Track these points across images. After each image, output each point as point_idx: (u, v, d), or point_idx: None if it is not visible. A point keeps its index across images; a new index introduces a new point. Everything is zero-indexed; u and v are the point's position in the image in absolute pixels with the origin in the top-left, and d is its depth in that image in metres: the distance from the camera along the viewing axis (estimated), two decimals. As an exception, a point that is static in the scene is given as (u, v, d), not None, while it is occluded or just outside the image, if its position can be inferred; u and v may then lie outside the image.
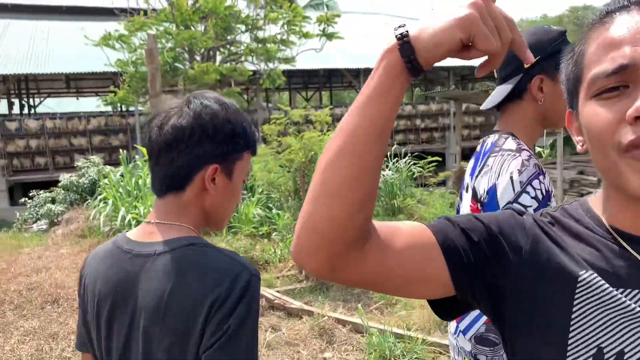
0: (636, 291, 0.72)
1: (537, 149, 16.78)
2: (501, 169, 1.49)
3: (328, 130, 6.02)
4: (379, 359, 4.01)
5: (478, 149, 1.68)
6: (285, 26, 11.20)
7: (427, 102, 21.35)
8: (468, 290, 0.78)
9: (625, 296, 0.71)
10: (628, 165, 0.68)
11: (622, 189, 0.71)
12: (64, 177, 11.08)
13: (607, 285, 0.72)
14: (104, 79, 17.38)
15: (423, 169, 10.02)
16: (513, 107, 1.62)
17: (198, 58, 11.33)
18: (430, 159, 9.87)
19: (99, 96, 19.87)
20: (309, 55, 12.19)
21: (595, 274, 0.73)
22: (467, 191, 1.66)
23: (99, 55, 12.74)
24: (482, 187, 1.54)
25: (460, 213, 1.70)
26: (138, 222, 8.32)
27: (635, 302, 0.71)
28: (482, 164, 1.58)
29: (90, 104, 24.82)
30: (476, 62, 0.80)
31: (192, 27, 11.38)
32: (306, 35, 11.20)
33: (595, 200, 0.82)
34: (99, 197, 9.50)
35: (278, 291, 5.64)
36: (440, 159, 10.50)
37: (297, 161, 5.67)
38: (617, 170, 0.70)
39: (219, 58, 12.04)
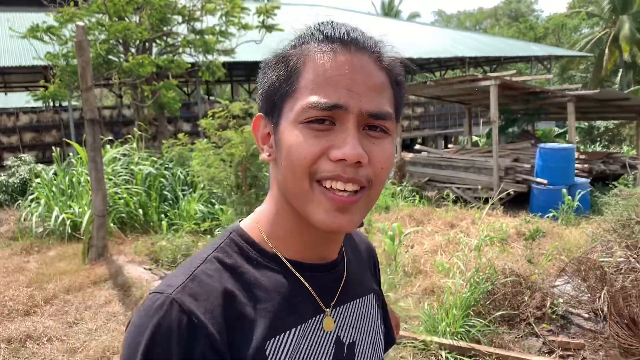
0: (310, 320, 0.80)
1: (475, 138, 17.30)
2: None
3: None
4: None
5: None
6: (224, 17, 10.98)
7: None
8: None
9: (304, 331, 0.79)
10: (318, 200, 0.73)
11: (307, 216, 0.75)
12: (-8, 177, 10.50)
13: (289, 343, 0.77)
14: (33, 72, 16.54)
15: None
16: None
17: (133, 50, 10.95)
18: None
19: (29, 91, 18.91)
20: (250, 47, 12.04)
21: (276, 338, 0.76)
22: None
23: (28, 48, 12.11)
24: None
25: None
26: (73, 223, 7.99)
27: (311, 333, 0.80)
28: None
29: (19, 99, 23.60)
30: (418, 53, 0.77)
31: (126, 19, 10.98)
32: (245, 27, 11.03)
33: (254, 228, 0.83)
34: (31, 197, 9.07)
35: (221, 288, 5.56)
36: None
37: (238, 155, 5.56)
38: (307, 198, 0.74)
39: (155, 50, 11.69)
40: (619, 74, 27.71)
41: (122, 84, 11.17)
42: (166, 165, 9.37)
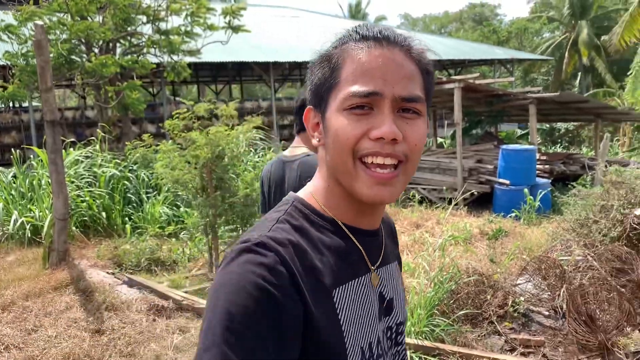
0: (364, 276, 0.95)
1: (439, 140, 17.53)
2: None
3: (234, 125, 5.89)
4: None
5: None
6: (189, 18, 10.85)
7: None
8: None
9: (359, 284, 0.93)
10: (362, 175, 0.86)
11: (353, 191, 0.88)
12: (-53, 180, 10.11)
13: (349, 294, 0.90)
14: (-9, 72, 16.05)
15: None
16: None
17: (96, 50, 10.71)
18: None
19: (-13, 91, 18.30)
20: (217, 48, 11.93)
21: (339, 289, 0.89)
22: None
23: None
24: None
25: None
26: (33, 226, 7.78)
27: (364, 287, 0.94)
28: None
29: (-23, 99, 22.82)
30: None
31: (88, 18, 10.73)
32: (211, 28, 10.91)
33: (312, 198, 0.96)
34: (-12, 201, 8.79)
35: (187, 291, 5.49)
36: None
37: (203, 157, 5.50)
38: (352, 175, 0.87)
39: (119, 50, 11.46)
40: (579, 77, 28.49)
41: (85, 84, 10.92)
42: (130, 168, 9.21)
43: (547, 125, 19.20)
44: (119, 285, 5.79)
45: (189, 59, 11.65)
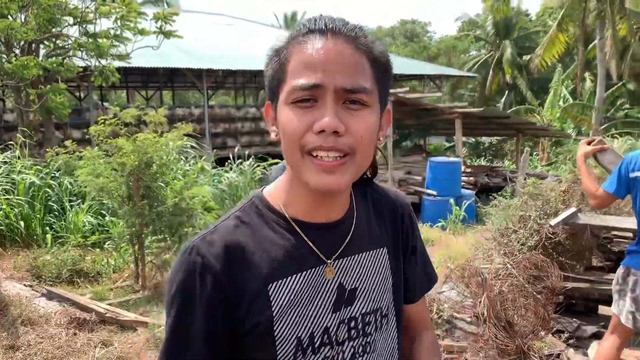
0: (312, 269, 0.97)
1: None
2: None
3: (163, 132, 5.76)
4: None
5: None
6: (119, 21, 10.52)
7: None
8: None
9: (304, 278, 0.96)
10: (309, 165, 0.88)
11: (303, 182, 0.91)
12: None
13: (291, 285, 0.95)
14: None
15: (266, 170, 10.10)
16: None
17: (17, 51, 10.17)
18: (271, 161, 9.98)
19: None
20: (147, 53, 11.63)
21: (279, 281, 0.94)
22: None
23: None
24: None
25: None
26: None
27: (312, 280, 0.97)
28: None
29: None
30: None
31: (9, 17, 10.20)
32: (142, 32, 10.62)
33: (272, 194, 1.02)
34: None
35: (110, 304, 5.29)
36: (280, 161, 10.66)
37: (130, 165, 5.34)
38: (301, 167, 0.89)
39: (42, 52, 10.94)
40: (504, 95, 29.94)
41: (4, 86, 10.34)
42: (53, 175, 8.79)
43: (473, 139, 20.00)
44: (37, 298, 5.50)
45: (118, 64, 11.29)
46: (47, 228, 7.86)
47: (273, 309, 0.93)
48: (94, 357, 4.14)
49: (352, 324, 1.01)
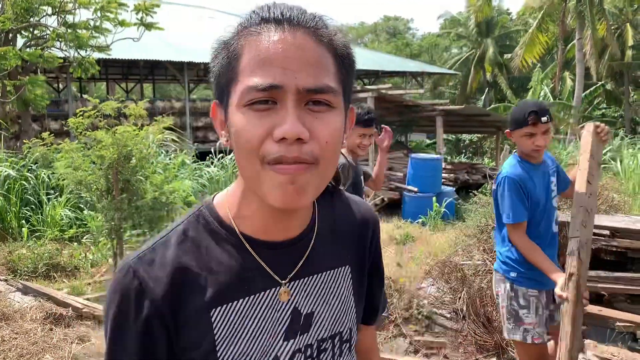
0: (263, 292, 0.86)
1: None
2: None
3: (143, 125, 5.69)
4: None
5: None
6: (99, 12, 10.36)
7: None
8: None
9: (254, 302, 0.86)
10: (269, 178, 0.75)
11: (261, 196, 0.78)
12: None
13: (238, 311, 0.85)
14: None
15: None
16: None
17: (-7, 40, 9.97)
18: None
19: None
20: (128, 45, 11.48)
21: (223, 307, 0.84)
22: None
23: None
24: None
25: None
26: None
27: (262, 304, 0.86)
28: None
29: None
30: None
31: (-15, 5, 9.98)
32: (122, 24, 10.46)
33: (222, 204, 0.90)
34: None
35: (88, 298, 5.21)
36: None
37: (109, 158, 5.27)
38: (260, 179, 0.77)
39: (20, 42, 10.73)
40: (484, 92, 30.22)
41: (-20, 76, 10.11)
42: (29, 167, 8.64)
43: (453, 136, 20.14)
44: (12, 293, 5.40)
45: (97, 55, 11.12)
46: (23, 221, 7.73)
47: (216, 338, 0.83)
48: (70, 352, 4.08)
49: (308, 352, 0.91)
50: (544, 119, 2.64)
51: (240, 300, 0.85)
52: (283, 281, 0.88)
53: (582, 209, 2.49)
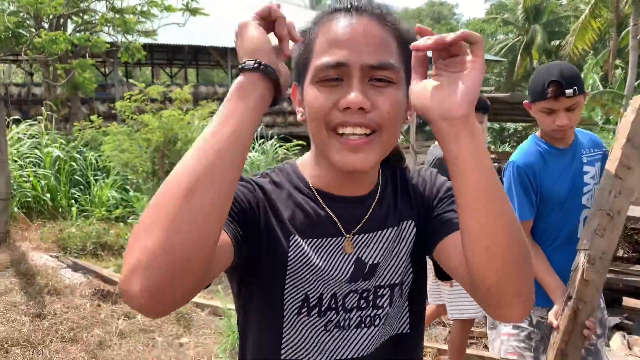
0: (334, 239, 0.98)
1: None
2: None
3: (188, 110, 5.79)
4: (237, 340, 4.00)
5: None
6: (146, -3, 10.55)
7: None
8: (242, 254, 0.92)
9: (323, 244, 0.97)
10: (334, 145, 0.88)
11: (327, 158, 0.92)
12: None
13: (309, 246, 0.96)
14: None
15: (288, 151, 10.12)
16: None
17: (46, 25, 10.28)
18: (295, 142, 9.98)
19: None
20: (173, 30, 11.65)
21: (299, 238, 0.96)
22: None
23: None
24: None
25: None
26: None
27: (331, 248, 0.97)
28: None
29: None
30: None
31: (38, -9, 10.28)
32: (168, 9, 10.63)
33: (302, 164, 1.04)
34: None
35: (133, 277, 5.37)
36: (304, 143, 10.64)
37: (155, 141, 5.39)
38: (326, 144, 0.90)
39: (70, 27, 11.04)
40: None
41: (32, 60, 10.47)
42: (78, 149, 8.93)
43: (498, 125, 19.70)
44: (63, 269, 5.62)
45: (144, 40, 11.34)
46: (72, 201, 8.00)
47: (288, 262, 0.95)
48: (117, 328, 4.23)
49: (365, 294, 1.00)
50: (568, 91, 1.94)
51: (313, 240, 0.97)
52: (347, 235, 0.98)
53: (602, 212, 1.91)
